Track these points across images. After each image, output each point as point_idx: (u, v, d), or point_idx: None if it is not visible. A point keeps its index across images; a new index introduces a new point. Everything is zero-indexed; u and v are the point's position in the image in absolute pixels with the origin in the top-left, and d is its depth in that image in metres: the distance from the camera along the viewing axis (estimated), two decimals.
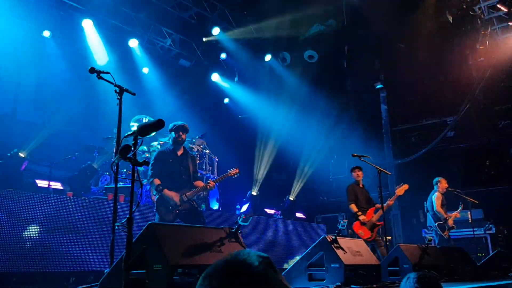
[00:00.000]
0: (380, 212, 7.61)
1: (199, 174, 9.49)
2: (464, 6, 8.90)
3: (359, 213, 7.73)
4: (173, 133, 6.01)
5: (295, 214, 11.53)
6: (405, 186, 7.85)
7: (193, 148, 9.32)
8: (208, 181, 6.04)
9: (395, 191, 7.90)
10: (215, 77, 13.10)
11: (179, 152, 6.07)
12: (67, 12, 9.84)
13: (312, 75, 13.00)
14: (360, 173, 8.15)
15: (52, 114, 10.54)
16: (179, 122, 6.03)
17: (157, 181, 5.72)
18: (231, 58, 12.55)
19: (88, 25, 10.03)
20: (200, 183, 6.02)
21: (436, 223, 8.77)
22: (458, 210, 8.76)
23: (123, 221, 2.94)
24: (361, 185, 8.14)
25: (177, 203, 5.66)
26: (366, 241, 7.18)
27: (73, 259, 5.79)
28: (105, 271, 3.54)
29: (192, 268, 3.27)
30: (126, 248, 2.83)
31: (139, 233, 3.36)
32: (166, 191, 5.66)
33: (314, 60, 12.58)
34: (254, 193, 11.60)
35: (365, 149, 9.13)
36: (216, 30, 11.59)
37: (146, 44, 11.57)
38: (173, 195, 5.65)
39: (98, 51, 10.58)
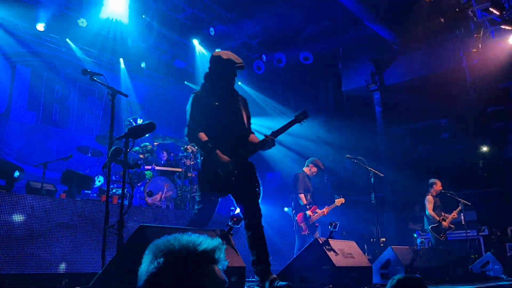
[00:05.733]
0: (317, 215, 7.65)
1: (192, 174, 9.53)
2: (457, 9, 8.94)
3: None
4: (220, 67, 4.43)
5: None
6: (342, 200, 7.87)
7: (188, 148, 9.32)
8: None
9: (335, 201, 7.89)
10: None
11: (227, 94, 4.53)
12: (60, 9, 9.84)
13: (307, 76, 13.06)
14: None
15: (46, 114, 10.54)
16: (235, 58, 4.47)
17: (203, 136, 4.22)
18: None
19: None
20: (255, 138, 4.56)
21: (430, 226, 8.82)
22: (456, 210, 8.80)
23: (114, 224, 2.95)
24: None
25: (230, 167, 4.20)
26: None
27: (66, 261, 5.79)
28: (97, 274, 3.55)
29: None
30: (116, 250, 2.84)
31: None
32: (218, 153, 4.18)
33: (309, 62, 12.62)
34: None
35: (359, 151, 9.17)
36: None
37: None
38: (225, 158, 4.20)
39: None
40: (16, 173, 6.57)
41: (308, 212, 7.63)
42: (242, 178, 4.24)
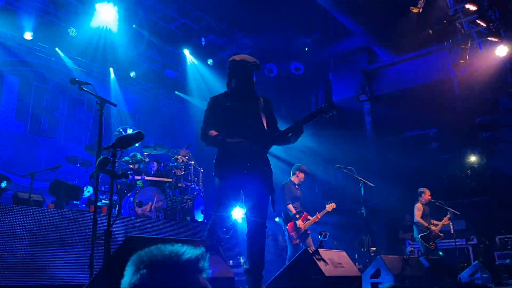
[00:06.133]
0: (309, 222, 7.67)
1: (190, 184, 9.48)
2: (445, 21, 9.07)
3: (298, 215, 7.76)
4: (237, 72, 4.41)
5: None
6: (333, 205, 7.89)
7: (178, 158, 9.30)
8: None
9: (326, 206, 7.90)
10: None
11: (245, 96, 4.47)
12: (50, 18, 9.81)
13: (298, 87, 13.13)
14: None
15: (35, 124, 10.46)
16: (249, 58, 4.44)
17: (213, 132, 4.22)
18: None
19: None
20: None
21: (420, 235, 8.88)
22: (446, 217, 8.85)
23: (101, 234, 2.92)
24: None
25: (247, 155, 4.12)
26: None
27: (54, 273, 5.71)
28: (84, 286, 3.51)
29: None
30: (103, 262, 2.82)
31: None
32: (229, 141, 4.13)
33: (300, 72, 12.70)
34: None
35: (350, 161, 9.21)
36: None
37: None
38: (237, 141, 4.13)
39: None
40: (3, 184, 6.51)
41: (298, 222, 7.63)
42: (255, 175, 4.15)
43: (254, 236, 4.12)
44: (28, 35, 9.50)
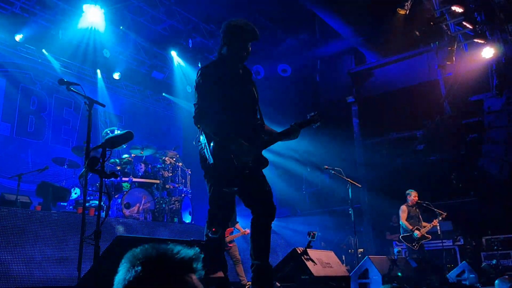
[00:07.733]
0: (237, 235, 7.25)
1: (178, 185, 9.45)
2: (431, 23, 9.17)
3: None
4: (232, 38, 3.73)
5: None
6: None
7: (166, 160, 9.27)
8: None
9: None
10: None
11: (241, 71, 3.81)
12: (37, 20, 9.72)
13: (285, 88, 13.16)
14: None
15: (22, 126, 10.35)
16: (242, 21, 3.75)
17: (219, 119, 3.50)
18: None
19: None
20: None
21: (402, 235, 8.94)
22: (436, 220, 8.91)
23: (89, 234, 2.90)
24: None
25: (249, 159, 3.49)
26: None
27: (43, 274, 5.65)
28: (74, 285, 3.48)
29: None
30: (93, 262, 2.80)
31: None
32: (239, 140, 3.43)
33: (288, 74, 12.74)
34: None
35: (337, 162, 9.25)
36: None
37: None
38: (245, 146, 3.46)
39: None
40: None
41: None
42: (257, 171, 3.62)
43: (262, 227, 3.69)
44: (17, 37, 9.42)
